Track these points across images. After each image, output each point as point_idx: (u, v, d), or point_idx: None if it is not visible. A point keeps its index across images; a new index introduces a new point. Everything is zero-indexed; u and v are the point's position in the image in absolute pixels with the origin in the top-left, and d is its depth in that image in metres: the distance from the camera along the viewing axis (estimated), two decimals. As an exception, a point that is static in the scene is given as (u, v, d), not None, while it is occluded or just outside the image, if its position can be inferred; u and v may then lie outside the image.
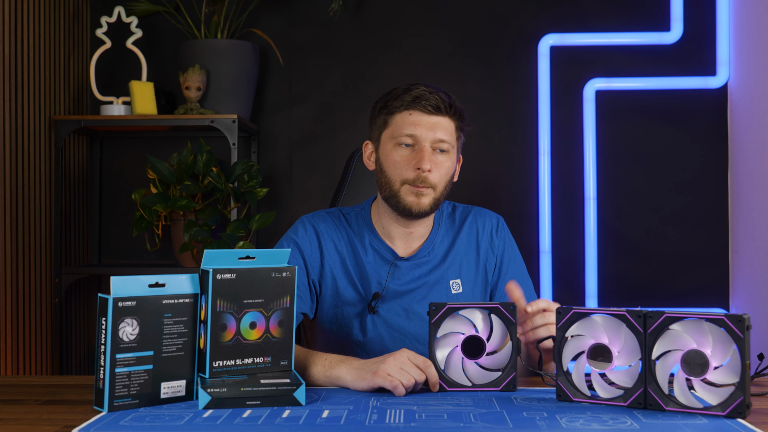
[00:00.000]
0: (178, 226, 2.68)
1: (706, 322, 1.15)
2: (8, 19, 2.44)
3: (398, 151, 1.56)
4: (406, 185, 1.55)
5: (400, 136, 1.55)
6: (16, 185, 2.49)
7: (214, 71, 2.76)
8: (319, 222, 1.65)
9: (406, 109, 1.55)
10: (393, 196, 1.57)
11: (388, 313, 1.62)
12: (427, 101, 1.53)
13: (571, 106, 2.90)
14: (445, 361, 1.33)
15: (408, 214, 1.57)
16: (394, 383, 1.26)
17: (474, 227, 1.69)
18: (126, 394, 1.19)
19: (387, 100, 1.59)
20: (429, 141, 1.54)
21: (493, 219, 1.71)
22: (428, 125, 1.54)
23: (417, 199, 1.55)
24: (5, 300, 2.42)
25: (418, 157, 1.53)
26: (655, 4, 2.89)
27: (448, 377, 1.33)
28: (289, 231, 1.66)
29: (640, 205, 2.90)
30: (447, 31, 2.94)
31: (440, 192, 1.58)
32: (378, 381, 1.28)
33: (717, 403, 1.15)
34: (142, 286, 1.20)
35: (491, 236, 1.69)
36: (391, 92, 1.60)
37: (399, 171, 1.55)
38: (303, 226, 1.65)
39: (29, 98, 2.57)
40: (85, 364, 2.93)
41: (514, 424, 1.10)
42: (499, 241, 1.69)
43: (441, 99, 1.54)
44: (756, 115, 2.63)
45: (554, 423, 1.11)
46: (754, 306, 2.64)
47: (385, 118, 1.59)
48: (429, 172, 1.53)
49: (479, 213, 1.71)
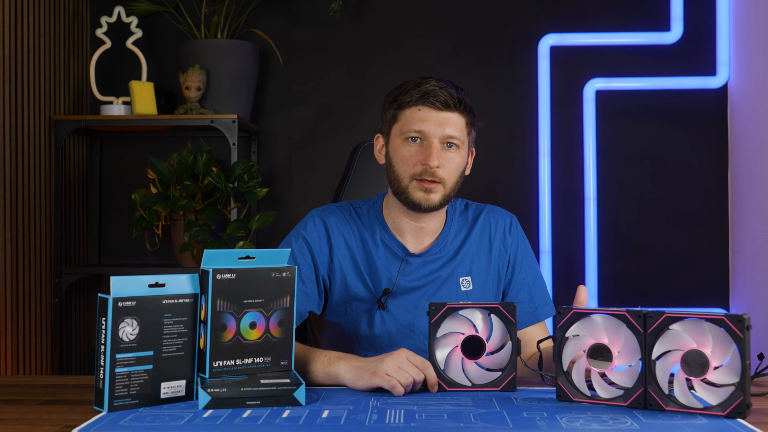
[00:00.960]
0: (178, 226, 2.67)
1: (706, 322, 1.15)
2: (8, 19, 2.44)
3: (407, 146, 1.55)
4: (415, 181, 1.54)
5: (409, 132, 1.54)
6: (16, 185, 2.49)
7: (214, 71, 2.76)
8: (329, 216, 1.64)
9: (414, 105, 1.54)
10: (402, 192, 1.56)
11: (397, 309, 1.61)
12: (436, 97, 1.52)
13: (571, 105, 2.90)
14: (445, 361, 1.33)
15: (417, 209, 1.56)
16: (392, 383, 1.26)
17: (487, 225, 1.68)
18: (126, 394, 1.19)
19: (397, 95, 1.58)
20: (438, 137, 1.53)
21: (506, 218, 1.70)
22: (437, 121, 1.53)
23: (426, 195, 1.54)
24: (5, 300, 2.42)
25: (426, 153, 1.53)
26: (655, 4, 2.89)
27: (447, 377, 1.33)
28: (298, 225, 1.64)
29: (640, 205, 2.90)
30: (447, 31, 2.94)
31: (450, 187, 1.57)
32: (376, 381, 1.28)
33: (717, 403, 1.14)
34: (142, 286, 1.20)
35: (504, 235, 1.68)
36: (402, 85, 1.59)
37: (407, 166, 1.55)
38: (312, 220, 1.63)
39: (29, 98, 2.57)
40: (85, 364, 2.93)
41: (514, 424, 1.10)
42: (513, 239, 1.69)
43: (450, 95, 1.53)
44: (756, 115, 2.63)
45: (554, 423, 1.11)
46: (754, 306, 2.64)
47: (395, 112, 1.58)
48: (437, 168, 1.53)
49: (492, 211, 1.71)
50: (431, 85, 1.54)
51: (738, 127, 2.80)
